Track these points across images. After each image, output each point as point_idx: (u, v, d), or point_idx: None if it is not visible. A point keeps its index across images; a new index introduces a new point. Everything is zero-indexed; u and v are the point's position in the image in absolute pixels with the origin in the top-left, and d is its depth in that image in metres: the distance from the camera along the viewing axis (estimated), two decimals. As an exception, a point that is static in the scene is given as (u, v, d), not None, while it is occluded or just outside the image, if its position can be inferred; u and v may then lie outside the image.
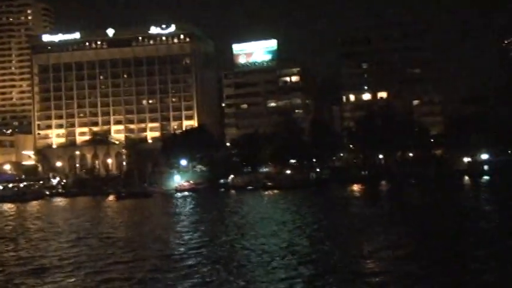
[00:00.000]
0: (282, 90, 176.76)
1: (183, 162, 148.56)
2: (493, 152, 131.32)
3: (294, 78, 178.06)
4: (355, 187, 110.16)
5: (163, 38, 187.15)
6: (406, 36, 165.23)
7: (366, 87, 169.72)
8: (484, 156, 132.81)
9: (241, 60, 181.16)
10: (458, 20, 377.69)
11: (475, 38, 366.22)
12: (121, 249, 42.81)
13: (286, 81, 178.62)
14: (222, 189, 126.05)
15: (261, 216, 62.19)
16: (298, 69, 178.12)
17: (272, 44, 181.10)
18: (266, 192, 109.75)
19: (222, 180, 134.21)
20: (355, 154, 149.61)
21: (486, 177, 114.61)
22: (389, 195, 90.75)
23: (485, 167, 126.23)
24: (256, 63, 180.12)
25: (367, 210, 64.86)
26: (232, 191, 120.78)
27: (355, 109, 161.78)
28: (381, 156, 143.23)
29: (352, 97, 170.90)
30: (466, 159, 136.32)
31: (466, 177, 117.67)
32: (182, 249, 41.40)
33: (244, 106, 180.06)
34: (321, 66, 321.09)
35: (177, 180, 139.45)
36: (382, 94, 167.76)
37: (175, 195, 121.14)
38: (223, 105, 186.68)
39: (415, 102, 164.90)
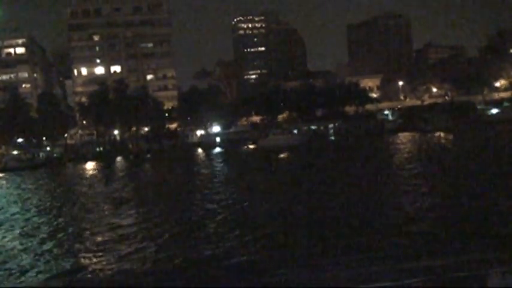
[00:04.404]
0: (5, 63, 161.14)
1: None
2: (223, 124, 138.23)
3: (19, 50, 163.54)
4: (90, 165, 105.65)
5: None
6: (139, 10, 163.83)
7: (98, 61, 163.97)
8: (216, 129, 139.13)
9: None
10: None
11: (208, 15, 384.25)
12: None
13: (10, 53, 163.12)
14: None
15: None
16: (23, 40, 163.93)
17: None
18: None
19: None
20: (90, 130, 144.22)
21: (218, 149, 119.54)
22: (125, 171, 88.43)
23: (217, 139, 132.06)
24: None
25: (99, 188, 61.43)
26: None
27: (87, 84, 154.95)
28: (116, 132, 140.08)
29: (84, 71, 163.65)
30: (199, 132, 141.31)
31: (200, 150, 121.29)
32: None
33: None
34: (51, 38, 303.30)
35: None
36: (116, 68, 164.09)
37: None
38: None
39: (150, 76, 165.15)
